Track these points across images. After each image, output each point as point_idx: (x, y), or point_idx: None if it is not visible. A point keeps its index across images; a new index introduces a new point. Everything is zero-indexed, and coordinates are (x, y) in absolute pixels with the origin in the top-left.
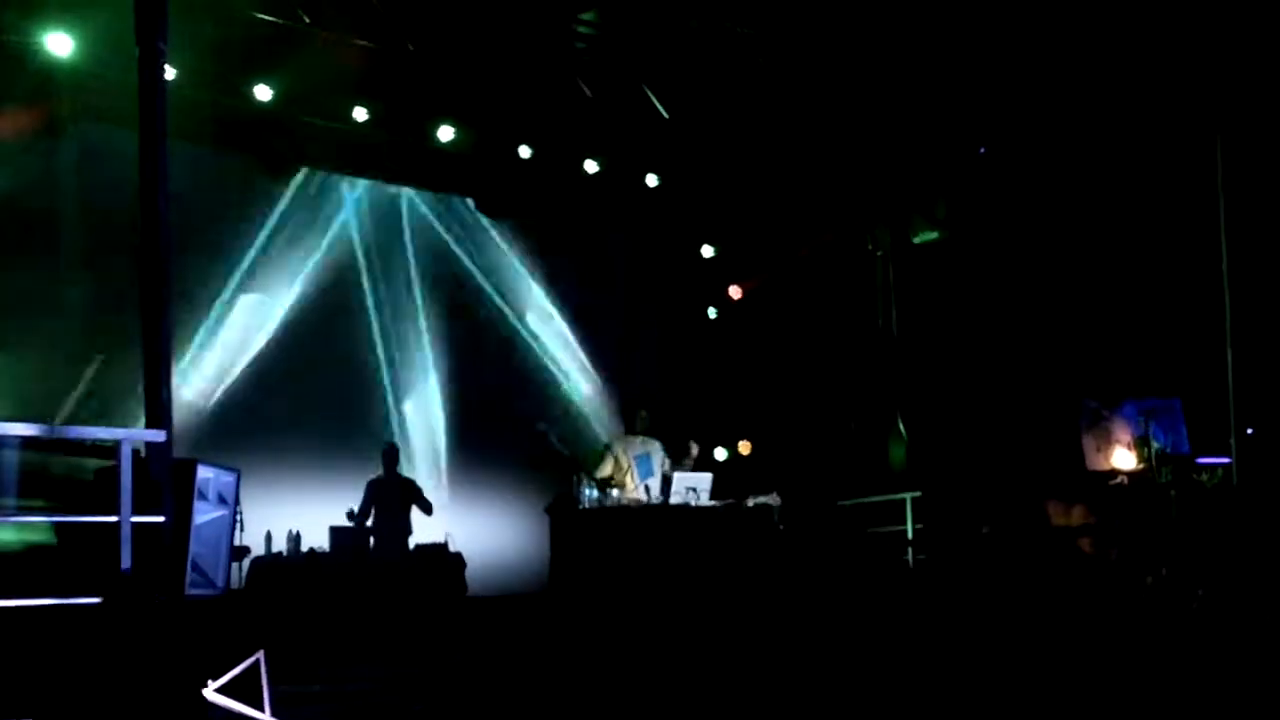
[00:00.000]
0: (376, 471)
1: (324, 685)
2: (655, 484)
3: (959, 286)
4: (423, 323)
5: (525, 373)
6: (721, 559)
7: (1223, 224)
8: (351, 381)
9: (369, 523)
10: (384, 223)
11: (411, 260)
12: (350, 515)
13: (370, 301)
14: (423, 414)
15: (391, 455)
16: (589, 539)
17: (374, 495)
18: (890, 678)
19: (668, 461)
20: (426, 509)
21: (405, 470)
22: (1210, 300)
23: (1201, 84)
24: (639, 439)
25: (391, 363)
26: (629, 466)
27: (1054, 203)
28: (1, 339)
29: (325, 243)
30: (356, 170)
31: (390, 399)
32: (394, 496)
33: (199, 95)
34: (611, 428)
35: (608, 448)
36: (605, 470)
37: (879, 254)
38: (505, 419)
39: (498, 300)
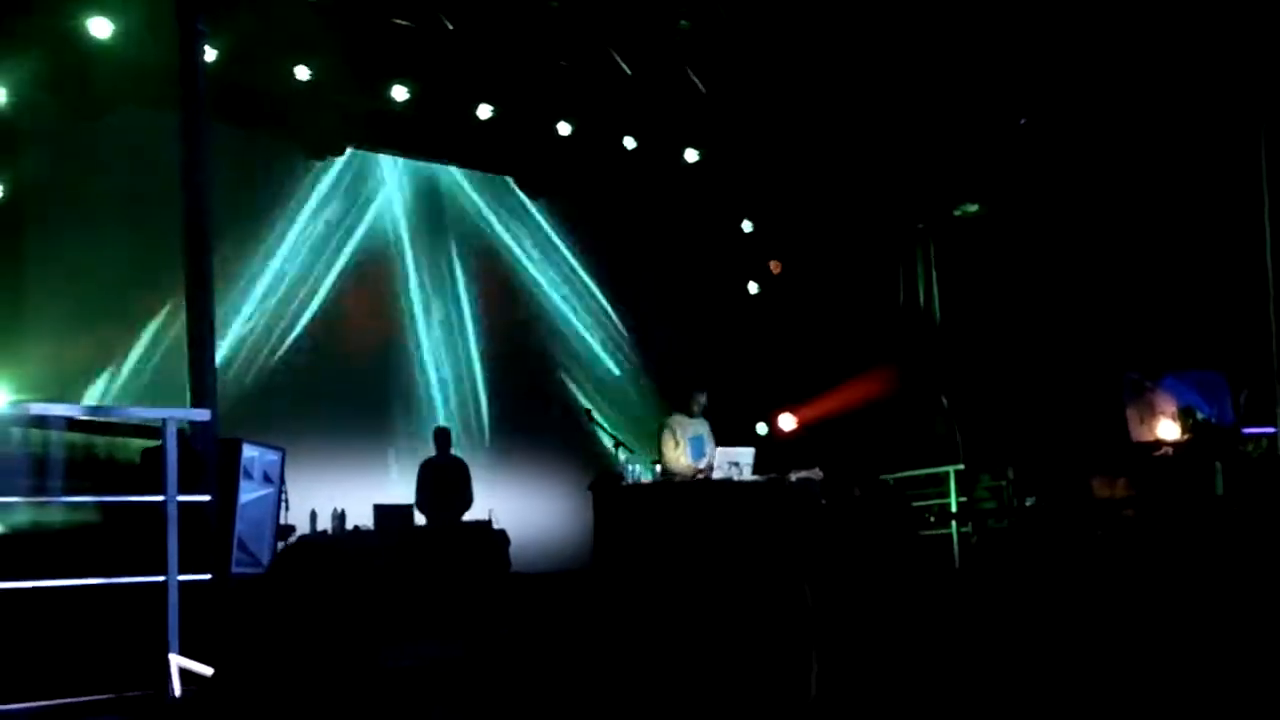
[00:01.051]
0: (422, 450)
1: (367, 662)
2: (705, 464)
3: (1000, 259)
4: (464, 300)
5: (566, 350)
6: (765, 533)
7: (1265, 193)
8: (394, 359)
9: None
10: (425, 201)
11: (452, 238)
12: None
13: (412, 280)
14: (465, 391)
15: (444, 437)
16: (632, 515)
17: (429, 476)
18: (933, 651)
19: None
20: (468, 499)
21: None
22: (1254, 270)
23: (1246, 52)
24: (693, 421)
25: (434, 340)
26: (683, 446)
27: (1096, 174)
28: (43, 322)
29: (367, 221)
30: (396, 149)
31: (433, 377)
32: (447, 477)
33: (239, 76)
34: (654, 406)
35: (665, 426)
36: (668, 448)
37: (919, 227)
38: (548, 396)
39: (538, 277)
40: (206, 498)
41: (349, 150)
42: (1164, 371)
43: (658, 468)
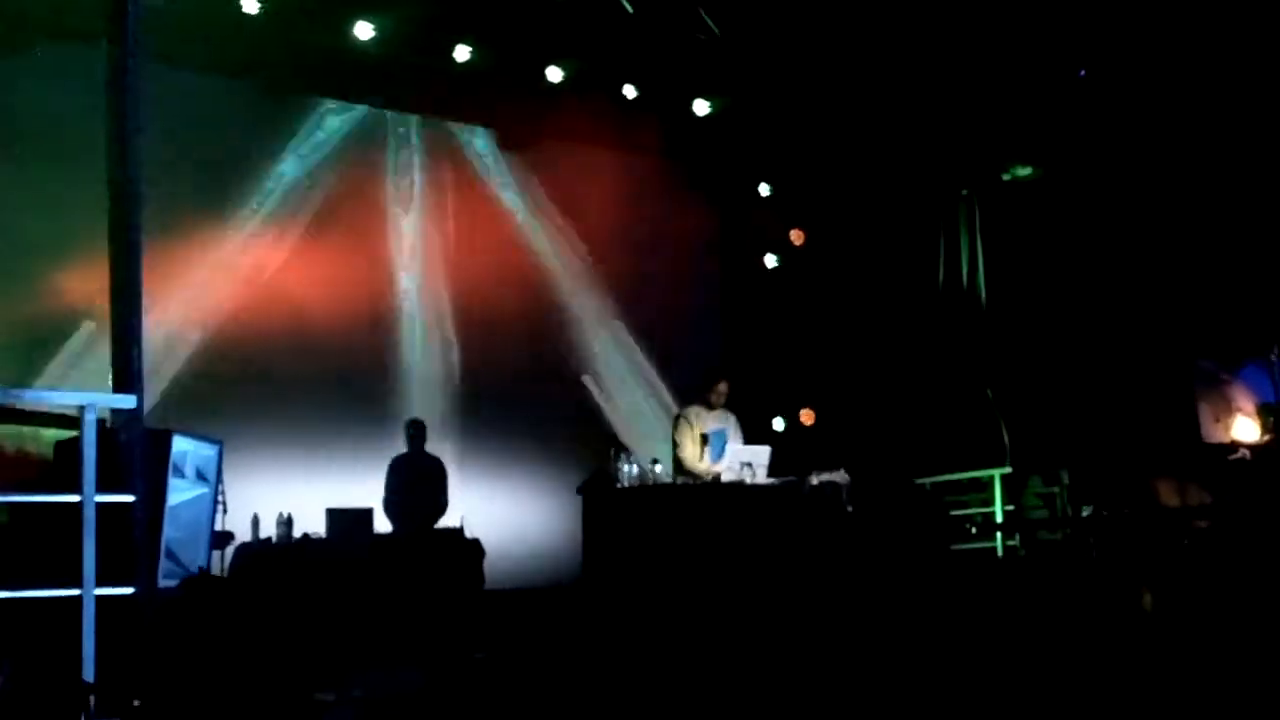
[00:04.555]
0: (382, 443)
1: (322, 692)
2: (724, 465)
3: (1055, 230)
4: (437, 272)
5: (557, 331)
6: (780, 546)
7: None
8: (355, 340)
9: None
10: (395, 157)
11: (424, 200)
12: None
13: (381, 244)
14: (436, 376)
15: (419, 430)
16: (628, 523)
17: (400, 475)
18: (974, 688)
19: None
20: (442, 504)
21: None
22: None
23: None
24: (714, 414)
25: (401, 318)
26: (700, 443)
27: (1163, 132)
28: None
29: (330, 178)
30: (362, 96)
31: (400, 359)
32: (421, 477)
33: (189, 14)
34: (660, 392)
35: (680, 418)
36: (685, 445)
37: (964, 193)
38: (532, 384)
39: (522, 245)
40: (130, 498)
41: (307, 97)
42: (1242, 360)
43: (658, 468)
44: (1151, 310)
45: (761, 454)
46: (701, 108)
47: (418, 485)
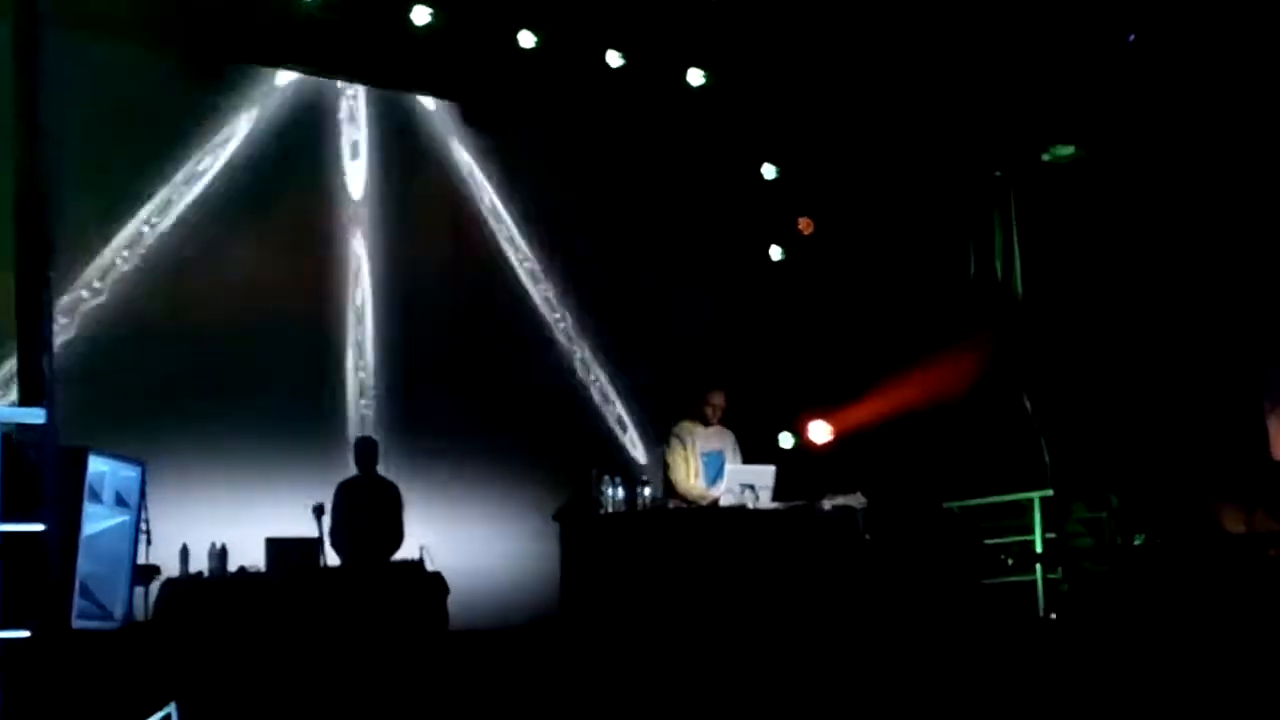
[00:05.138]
0: (329, 464)
1: None
2: (725, 490)
3: (1100, 217)
4: (391, 266)
5: (529, 334)
6: (788, 580)
7: None
8: (298, 348)
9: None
10: (342, 134)
11: (377, 185)
12: (318, 511)
13: (321, 238)
14: (389, 387)
15: (368, 450)
16: (613, 553)
17: (348, 502)
18: None
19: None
20: (397, 534)
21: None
22: None
23: None
24: (710, 431)
25: (349, 319)
26: (696, 463)
27: (1224, 106)
28: None
29: (267, 160)
30: (305, 63)
31: (349, 370)
32: (372, 504)
33: None
34: (648, 405)
35: (673, 436)
36: (677, 466)
37: (997, 175)
38: (501, 395)
39: (489, 236)
40: (40, 526)
41: (249, 69)
42: None
43: (646, 490)
44: (1212, 311)
45: (765, 475)
46: (696, 78)
47: (370, 512)
